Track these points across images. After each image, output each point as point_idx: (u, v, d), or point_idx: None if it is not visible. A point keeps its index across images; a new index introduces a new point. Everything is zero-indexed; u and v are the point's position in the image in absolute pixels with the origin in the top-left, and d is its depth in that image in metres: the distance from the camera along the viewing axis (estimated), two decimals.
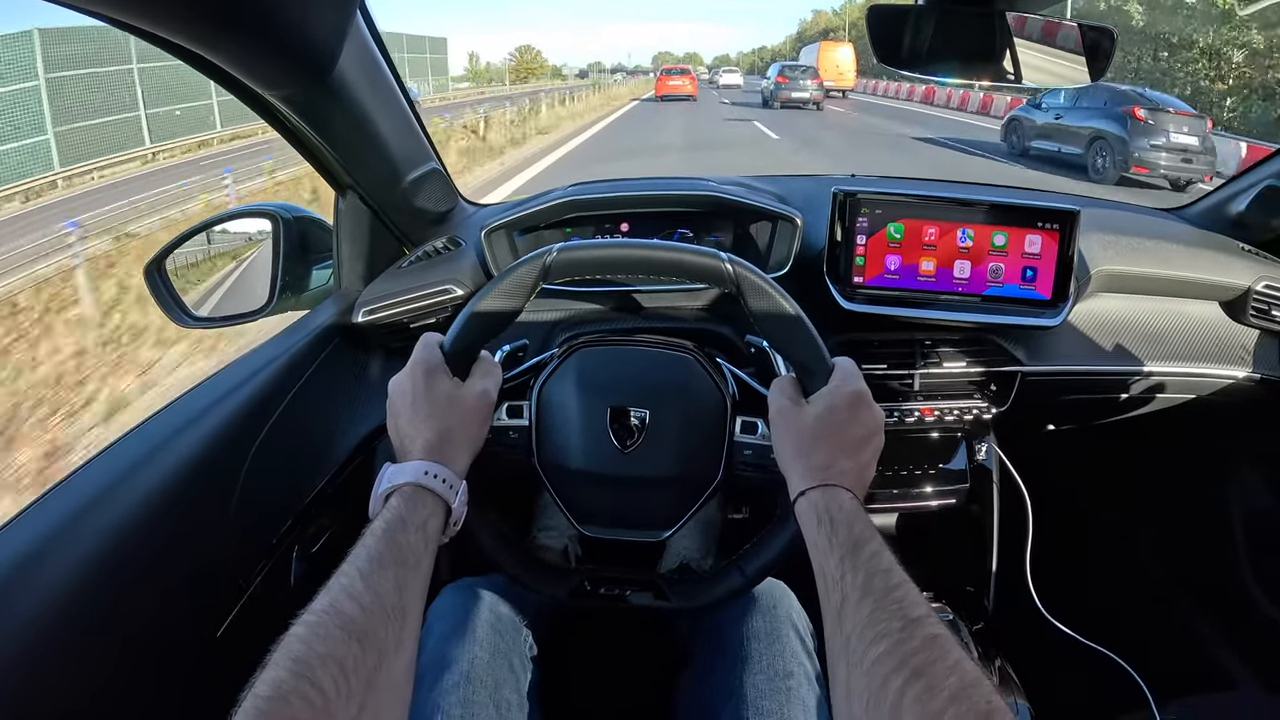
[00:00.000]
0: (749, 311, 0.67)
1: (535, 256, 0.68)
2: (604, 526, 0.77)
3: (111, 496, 0.66)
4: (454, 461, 0.61)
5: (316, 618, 0.45)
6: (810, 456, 0.60)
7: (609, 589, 0.76)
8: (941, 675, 0.42)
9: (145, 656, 0.66)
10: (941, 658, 0.43)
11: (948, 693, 0.41)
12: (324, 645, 0.44)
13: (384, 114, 0.89)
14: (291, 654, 0.43)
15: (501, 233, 1.04)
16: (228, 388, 0.82)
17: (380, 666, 0.45)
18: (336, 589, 0.48)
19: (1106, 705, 1.07)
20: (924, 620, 0.46)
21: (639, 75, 79.95)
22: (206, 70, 0.70)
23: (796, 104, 20.65)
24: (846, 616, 0.49)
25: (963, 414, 1.05)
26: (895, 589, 0.49)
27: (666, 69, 29.15)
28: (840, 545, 0.53)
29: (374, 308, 0.96)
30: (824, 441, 0.61)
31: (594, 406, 0.73)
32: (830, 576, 0.52)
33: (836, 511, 0.55)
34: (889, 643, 0.45)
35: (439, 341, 0.66)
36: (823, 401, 0.63)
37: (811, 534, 0.56)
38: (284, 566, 0.86)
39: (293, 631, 0.44)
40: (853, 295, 0.99)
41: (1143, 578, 1.46)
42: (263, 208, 1.04)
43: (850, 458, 0.60)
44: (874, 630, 0.46)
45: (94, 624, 0.61)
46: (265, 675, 0.41)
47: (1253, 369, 1.14)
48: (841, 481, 0.58)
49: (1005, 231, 0.97)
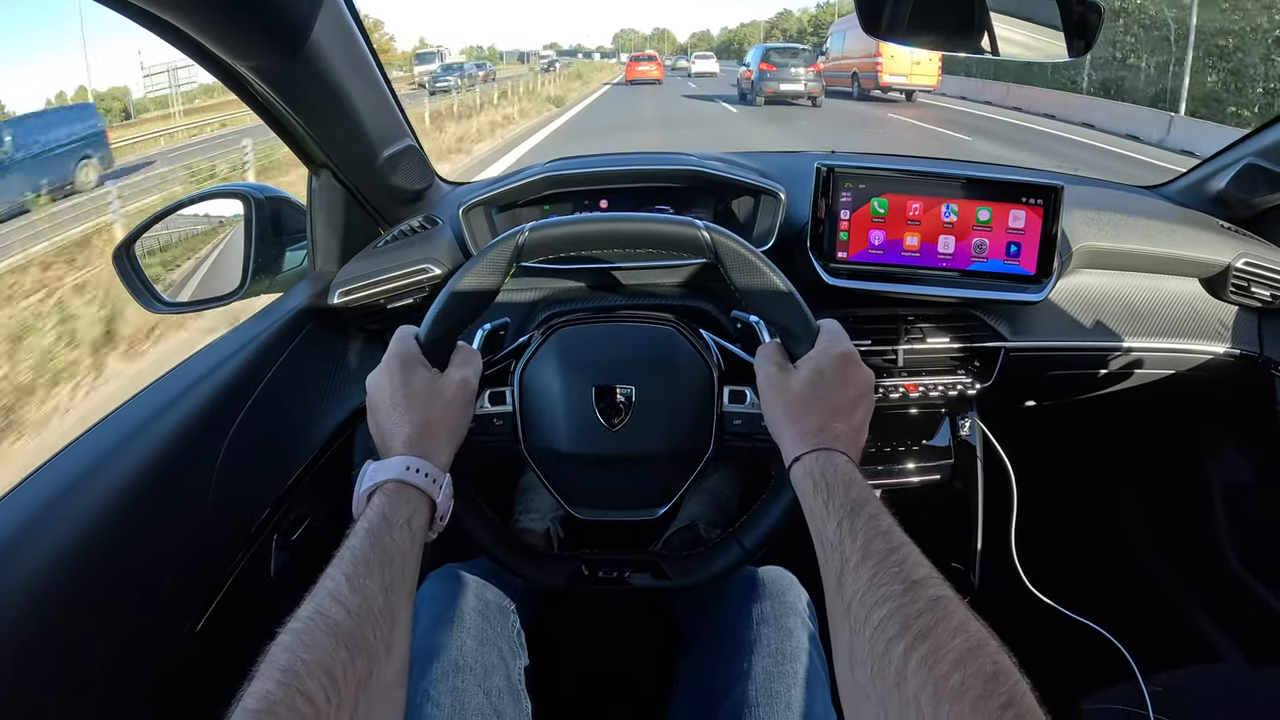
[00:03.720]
0: (728, 279, 0.66)
1: (507, 237, 0.66)
2: (597, 509, 0.76)
3: (83, 487, 0.63)
4: (436, 455, 0.59)
5: (302, 624, 0.44)
6: (802, 421, 0.59)
7: (607, 572, 0.74)
8: (946, 638, 0.41)
9: (122, 649, 0.64)
10: (945, 619, 0.42)
11: (953, 655, 0.40)
12: (311, 653, 0.42)
13: (359, 88, 0.87)
14: (279, 663, 0.41)
15: (479, 210, 1.02)
16: (201, 373, 0.80)
17: (371, 672, 0.44)
18: (322, 594, 0.46)
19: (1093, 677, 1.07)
20: (926, 582, 0.45)
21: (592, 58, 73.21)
22: (175, 40, 0.68)
23: (785, 99, 15.61)
24: (847, 582, 0.47)
25: (946, 390, 1.05)
26: (895, 551, 0.47)
27: (634, 55, 31.15)
28: (838, 509, 0.52)
29: (349, 289, 0.94)
30: (815, 405, 0.60)
31: (578, 386, 0.72)
32: (829, 542, 0.51)
33: (832, 475, 0.54)
34: (891, 606, 0.44)
35: (414, 333, 0.65)
36: (810, 365, 0.62)
37: (808, 500, 0.55)
38: (264, 555, 0.85)
39: (279, 640, 0.43)
40: (836, 271, 0.98)
41: (1126, 551, 1.48)
42: (234, 188, 1.02)
43: (843, 420, 0.59)
44: (875, 594, 0.45)
45: (68, 617, 0.59)
46: (253, 687, 0.40)
47: (1232, 344, 1.15)
48: (835, 445, 0.57)
49: (989, 207, 0.97)
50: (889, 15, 0.92)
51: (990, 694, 0.38)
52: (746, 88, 16.91)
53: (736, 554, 0.72)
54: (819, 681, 0.71)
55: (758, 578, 0.79)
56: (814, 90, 15.37)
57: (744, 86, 17.43)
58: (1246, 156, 1.16)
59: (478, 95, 17.70)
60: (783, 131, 11.95)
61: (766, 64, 15.59)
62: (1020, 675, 0.40)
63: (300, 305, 0.94)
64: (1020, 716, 0.37)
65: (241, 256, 1.00)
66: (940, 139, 11.47)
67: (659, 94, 22.07)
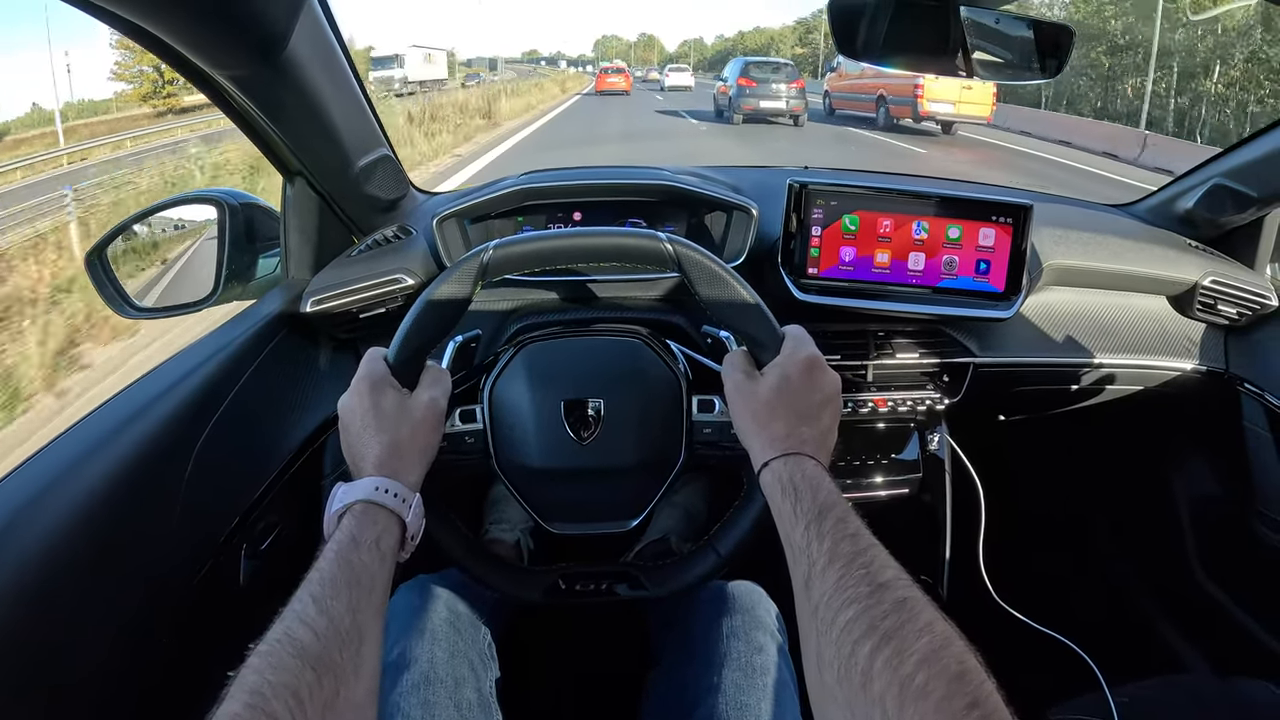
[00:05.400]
0: (693, 290, 0.67)
1: (471, 256, 0.66)
2: (571, 522, 0.76)
3: (48, 499, 0.63)
4: (406, 474, 0.60)
5: (269, 646, 0.44)
6: (770, 427, 0.60)
7: (584, 585, 0.75)
8: (911, 638, 0.41)
9: (92, 658, 0.63)
10: (910, 620, 0.42)
11: (918, 655, 0.40)
12: (278, 675, 0.42)
13: (336, 97, 0.87)
14: (246, 685, 0.41)
15: (452, 221, 1.02)
16: (171, 381, 0.79)
17: (339, 692, 0.44)
18: (290, 616, 0.46)
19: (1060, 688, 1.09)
20: (893, 584, 0.45)
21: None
22: (153, 47, 0.68)
23: (766, 117, 14.36)
24: (814, 584, 0.48)
25: (916, 405, 1.06)
26: (863, 553, 0.48)
27: (604, 68, 32.51)
28: (805, 513, 0.52)
29: (322, 297, 0.94)
30: (782, 410, 0.60)
31: (547, 401, 0.72)
32: (796, 545, 0.51)
33: (800, 480, 0.55)
34: (858, 608, 0.44)
35: (383, 355, 0.65)
36: (777, 371, 0.63)
37: (777, 504, 0.55)
38: (232, 565, 0.84)
39: (248, 662, 0.43)
40: (807, 286, 0.99)
41: (1093, 564, 1.50)
42: (208, 194, 1.01)
43: (810, 424, 0.60)
44: (842, 596, 0.45)
45: (36, 627, 0.58)
46: (221, 709, 0.40)
47: (1198, 361, 1.17)
48: (804, 449, 0.58)
49: (960, 224, 0.98)
50: (864, 35, 0.93)
51: (955, 694, 0.38)
52: (723, 104, 15.60)
53: (712, 561, 0.72)
54: (788, 695, 0.71)
55: (728, 592, 0.80)
56: (796, 108, 14.16)
57: (720, 102, 16.01)
58: (1214, 177, 1.18)
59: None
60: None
61: (745, 79, 14.39)
62: (986, 675, 0.40)
63: (272, 313, 0.94)
64: (986, 716, 0.37)
65: (214, 263, 0.99)
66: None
67: (627, 109, 20.30)
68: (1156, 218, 1.28)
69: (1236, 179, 1.15)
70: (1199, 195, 1.20)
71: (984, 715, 0.37)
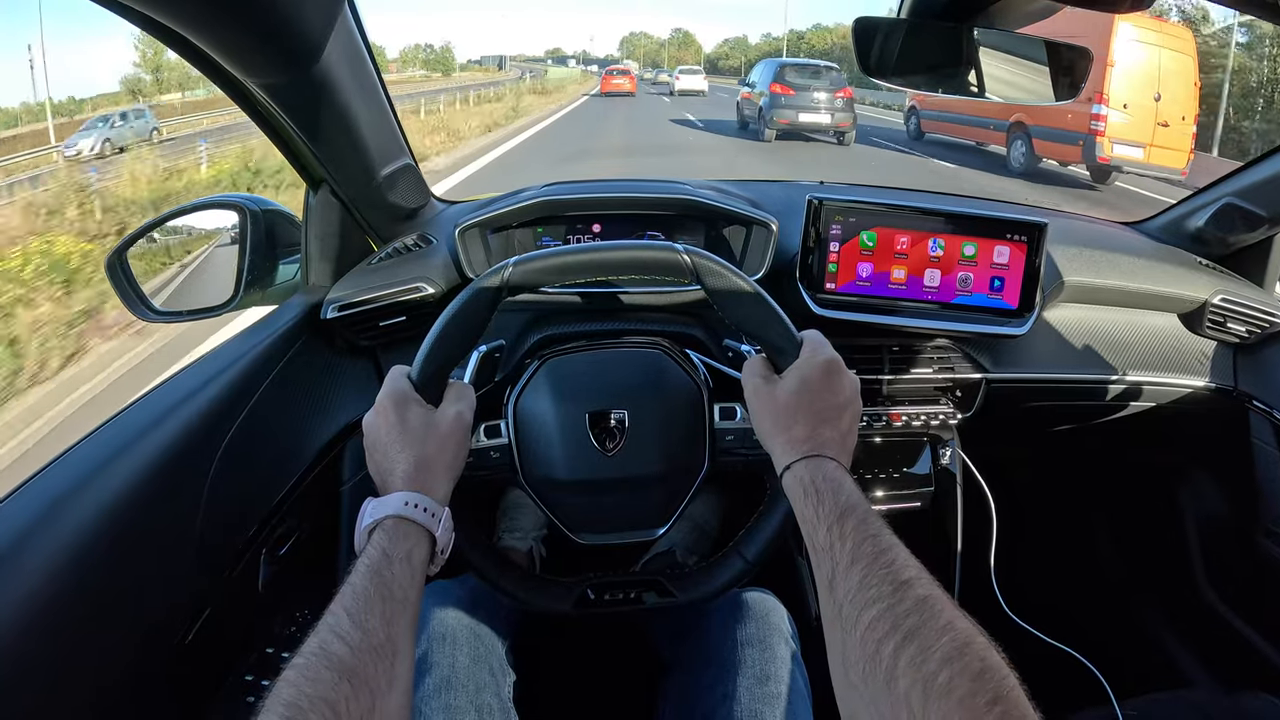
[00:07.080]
0: (711, 299, 0.67)
1: (493, 273, 0.67)
2: (599, 533, 0.77)
3: (72, 503, 0.63)
4: (434, 489, 0.60)
5: (305, 660, 0.45)
6: (790, 430, 0.60)
7: (613, 594, 0.75)
8: (933, 637, 0.42)
9: (112, 661, 0.64)
10: (933, 619, 0.43)
11: (940, 654, 0.41)
12: (314, 688, 0.43)
13: (364, 107, 0.87)
14: (283, 699, 0.42)
15: (474, 231, 1.03)
16: (193, 387, 0.80)
17: (374, 705, 0.45)
18: (324, 630, 0.47)
19: (1070, 701, 1.09)
20: (915, 582, 0.46)
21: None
22: (188, 55, 0.69)
23: (805, 132, 11.36)
24: (838, 584, 0.48)
25: (929, 419, 1.07)
26: (885, 553, 0.49)
27: (609, 69, 33.99)
28: (828, 515, 0.53)
29: (343, 304, 0.94)
30: (802, 414, 0.61)
31: (571, 414, 0.73)
32: (820, 546, 0.52)
33: (821, 481, 0.55)
34: (880, 608, 0.45)
35: (406, 372, 0.66)
36: (796, 374, 0.63)
37: (799, 507, 0.56)
38: (252, 568, 0.85)
39: (284, 675, 0.44)
40: (824, 301, 1.00)
41: (1103, 579, 1.50)
42: (230, 199, 1.02)
43: (830, 426, 0.60)
44: (865, 595, 0.46)
45: (58, 628, 0.59)
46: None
47: (1209, 379, 1.17)
48: (825, 451, 0.58)
49: (975, 242, 0.99)
50: (878, 51, 0.94)
51: (978, 690, 0.39)
52: (750, 114, 12.45)
53: (739, 567, 0.73)
54: (802, 703, 0.72)
55: (741, 600, 0.80)
56: (842, 123, 11.19)
57: (746, 112, 12.88)
58: (1225, 196, 1.19)
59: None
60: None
61: (780, 85, 11.22)
62: (1008, 671, 0.40)
63: (293, 319, 0.95)
64: (1007, 712, 0.38)
65: (232, 268, 1.00)
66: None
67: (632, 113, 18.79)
68: (1167, 236, 1.29)
69: (1247, 198, 1.16)
70: (1209, 214, 1.21)
71: (1006, 711, 0.38)
